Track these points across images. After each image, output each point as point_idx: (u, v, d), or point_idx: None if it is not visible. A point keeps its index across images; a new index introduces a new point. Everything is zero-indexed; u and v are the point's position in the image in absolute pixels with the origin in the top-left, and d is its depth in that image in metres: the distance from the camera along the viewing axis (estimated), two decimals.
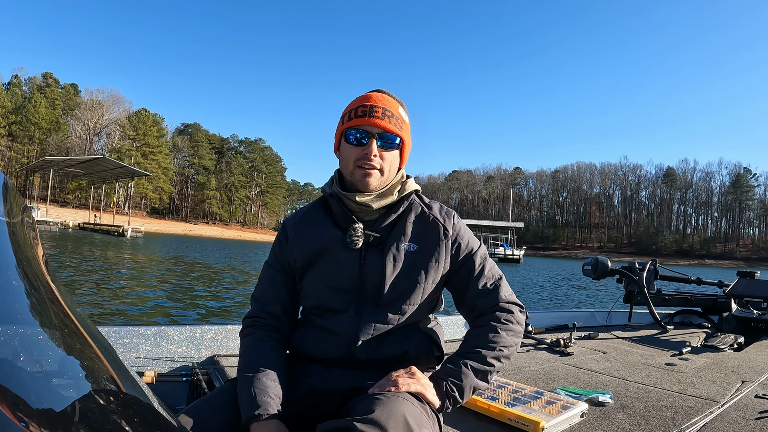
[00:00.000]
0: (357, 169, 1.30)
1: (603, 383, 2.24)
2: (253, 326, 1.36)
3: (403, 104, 1.39)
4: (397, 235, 1.34)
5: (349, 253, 1.32)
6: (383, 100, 1.32)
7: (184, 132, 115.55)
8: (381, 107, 1.29)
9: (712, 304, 4.45)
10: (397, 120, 1.31)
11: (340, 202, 1.34)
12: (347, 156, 1.32)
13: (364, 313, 1.31)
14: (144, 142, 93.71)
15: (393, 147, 1.32)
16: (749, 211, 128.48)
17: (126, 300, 8.66)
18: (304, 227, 1.40)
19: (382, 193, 1.33)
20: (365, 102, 1.31)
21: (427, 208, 1.40)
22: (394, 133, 1.31)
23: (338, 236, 1.33)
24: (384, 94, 1.35)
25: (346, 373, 1.30)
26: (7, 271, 0.56)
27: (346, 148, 1.32)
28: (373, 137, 1.28)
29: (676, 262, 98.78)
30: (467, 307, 1.38)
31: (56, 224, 50.12)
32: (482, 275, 1.36)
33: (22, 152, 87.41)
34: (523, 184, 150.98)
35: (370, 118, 1.28)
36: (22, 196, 0.75)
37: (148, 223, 72.06)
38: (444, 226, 1.37)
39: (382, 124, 1.28)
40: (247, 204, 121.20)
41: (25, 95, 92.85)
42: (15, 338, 0.47)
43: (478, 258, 1.38)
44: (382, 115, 1.28)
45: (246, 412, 1.12)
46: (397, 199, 1.36)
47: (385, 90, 1.38)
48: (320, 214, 1.40)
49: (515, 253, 62.09)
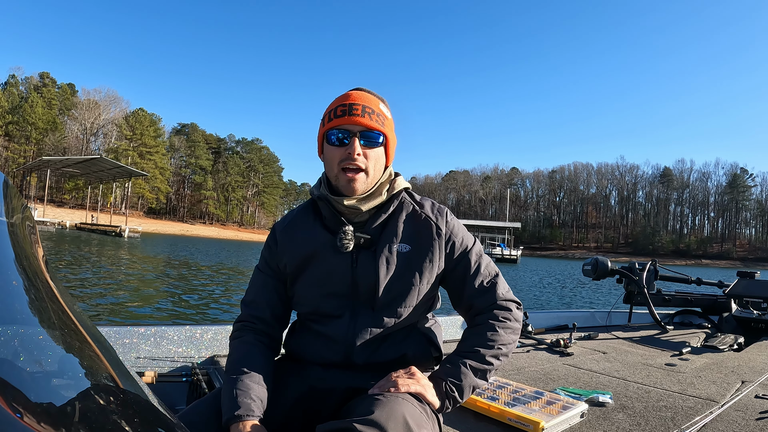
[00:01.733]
0: (341, 173, 1.26)
1: (603, 383, 2.25)
2: (241, 330, 1.34)
3: (384, 100, 1.35)
4: (388, 236, 1.31)
5: (341, 257, 1.29)
6: (363, 98, 1.28)
7: (181, 132, 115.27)
8: (361, 104, 1.25)
9: (712, 305, 4.45)
10: (378, 116, 1.27)
11: (329, 205, 1.31)
12: (331, 158, 1.28)
13: (360, 318, 1.29)
14: (141, 142, 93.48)
15: (376, 144, 1.28)
16: (746, 212, 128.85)
17: (125, 301, 8.64)
18: (293, 231, 1.37)
19: (370, 194, 1.30)
20: (344, 101, 1.27)
21: (418, 206, 1.37)
22: (376, 130, 1.27)
23: (328, 240, 1.30)
24: (363, 92, 1.31)
25: (345, 374, 1.29)
26: (7, 271, 0.56)
27: (328, 149, 1.28)
28: (355, 136, 1.25)
29: (672, 262, 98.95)
30: (464, 306, 1.37)
31: (53, 224, 49.86)
32: (478, 273, 1.34)
33: (19, 152, 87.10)
34: (519, 184, 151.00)
35: (351, 117, 1.24)
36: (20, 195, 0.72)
37: (145, 223, 71.83)
38: (437, 225, 1.33)
39: (363, 122, 1.24)
40: (244, 204, 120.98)
41: (22, 95, 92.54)
42: (15, 338, 0.47)
43: (474, 256, 1.35)
44: (362, 112, 1.24)
45: (226, 413, 1.11)
46: (386, 199, 1.33)
47: (364, 88, 1.35)
48: (309, 218, 1.37)
49: (512, 253, 62.13)
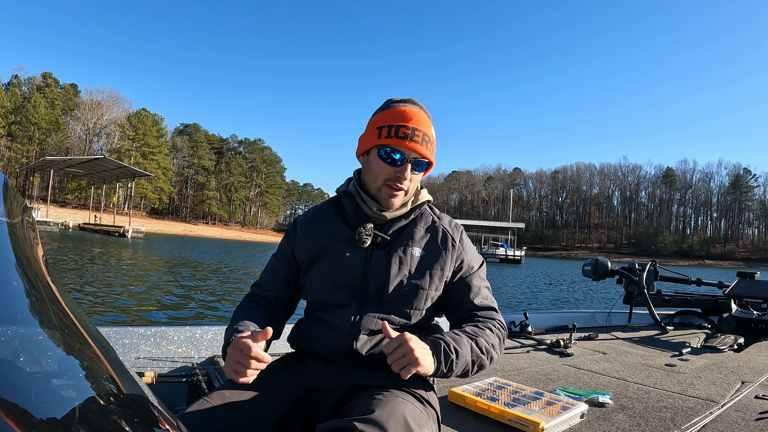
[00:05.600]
0: (385, 187, 1.32)
1: (603, 384, 2.24)
2: (244, 300, 1.45)
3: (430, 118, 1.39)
4: (405, 240, 1.36)
5: (356, 251, 1.33)
6: (423, 123, 1.31)
7: (183, 132, 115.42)
8: (422, 132, 1.29)
9: (712, 305, 4.45)
10: (432, 144, 1.33)
11: (354, 202, 1.37)
12: (378, 171, 1.32)
13: (366, 309, 1.31)
14: (143, 142, 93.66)
15: (423, 170, 1.35)
16: (749, 212, 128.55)
17: (134, 301, 8.65)
18: (313, 223, 1.43)
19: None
20: (407, 122, 1.29)
21: (437, 218, 1.45)
22: (428, 159, 1.33)
23: (346, 234, 1.35)
24: (422, 113, 1.34)
25: (346, 371, 1.30)
26: (7, 271, 0.56)
27: (378, 163, 1.32)
28: (410, 162, 1.30)
29: (675, 263, 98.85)
30: (460, 317, 1.40)
31: (56, 224, 50.08)
32: (479, 294, 1.39)
33: (22, 152, 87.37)
34: (522, 184, 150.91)
35: (411, 142, 1.27)
36: (22, 196, 0.77)
37: (147, 224, 71.97)
38: (452, 237, 1.40)
39: (420, 150, 1.29)
40: (247, 204, 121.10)
41: (25, 95, 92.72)
42: (15, 338, 0.47)
43: (477, 278, 1.41)
44: (422, 140, 1.29)
45: (222, 350, 1.18)
46: (409, 209, 1.39)
47: (419, 103, 1.38)
48: (331, 213, 1.43)
49: (516, 253, 62.01)
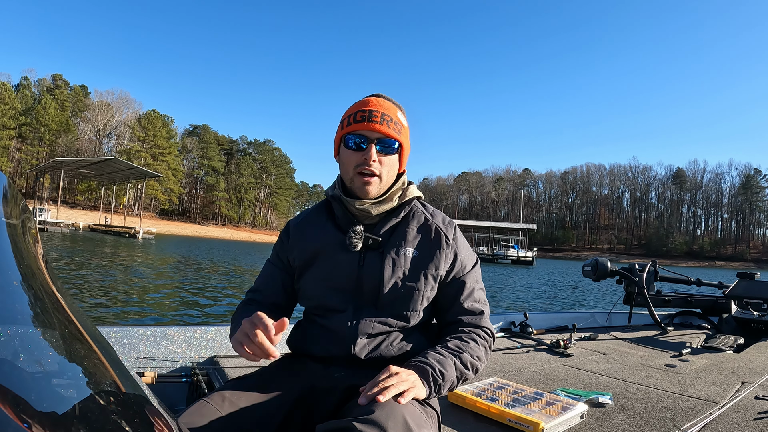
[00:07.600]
0: (356, 176, 1.31)
1: (603, 384, 2.23)
2: (242, 303, 1.45)
3: (401, 108, 1.39)
4: (397, 240, 1.35)
5: (348, 255, 1.33)
6: (382, 105, 1.32)
7: (193, 133, 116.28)
8: (380, 112, 1.30)
9: (712, 306, 4.43)
10: (396, 124, 1.32)
11: (342, 205, 1.36)
12: (347, 161, 1.32)
13: (363, 313, 1.31)
14: (153, 143, 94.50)
15: (392, 152, 1.33)
16: (760, 213, 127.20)
17: (149, 302, 8.71)
18: (305, 228, 1.43)
19: (381, 200, 1.34)
20: (364, 107, 1.31)
21: (430, 216, 1.42)
22: (393, 138, 1.31)
23: (338, 238, 1.35)
24: (383, 99, 1.35)
25: (345, 372, 1.30)
26: (7, 271, 0.56)
27: (345, 153, 1.33)
28: (372, 142, 1.29)
29: (686, 264, 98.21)
30: (448, 320, 1.41)
31: (67, 225, 50.44)
32: (471, 296, 1.39)
33: (32, 153, 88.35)
34: (532, 185, 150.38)
35: (369, 123, 1.28)
36: (32, 197, 0.69)
37: (158, 225, 72.58)
38: (446, 236, 1.38)
39: (381, 129, 1.28)
40: (256, 205, 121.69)
41: (35, 97, 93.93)
42: (15, 338, 0.47)
43: (470, 279, 1.41)
44: (381, 119, 1.29)
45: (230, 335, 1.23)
46: (397, 205, 1.37)
47: (383, 94, 1.38)
48: (322, 216, 1.42)
49: (527, 254, 61.45)
